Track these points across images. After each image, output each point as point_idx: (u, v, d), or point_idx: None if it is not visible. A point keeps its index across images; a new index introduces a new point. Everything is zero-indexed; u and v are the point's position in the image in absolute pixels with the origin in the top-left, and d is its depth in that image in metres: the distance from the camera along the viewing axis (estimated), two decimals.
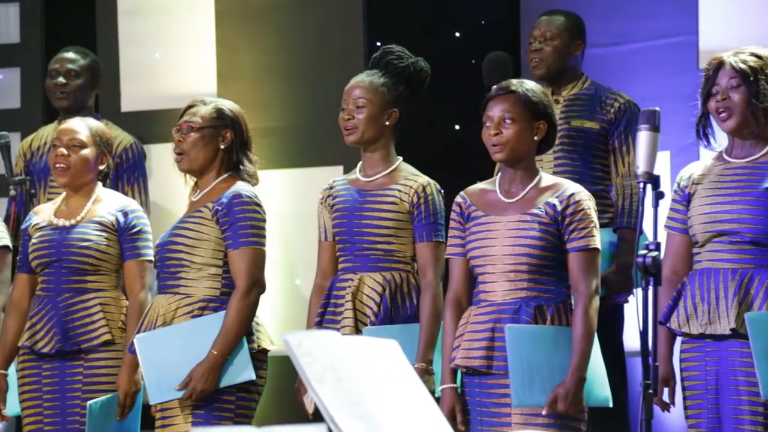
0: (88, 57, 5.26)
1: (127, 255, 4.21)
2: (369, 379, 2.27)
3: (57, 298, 4.18)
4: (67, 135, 4.26)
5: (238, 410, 3.94)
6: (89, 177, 4.27)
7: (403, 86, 4.10)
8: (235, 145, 4.04)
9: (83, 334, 4.15)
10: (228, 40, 5.72)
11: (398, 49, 4.14)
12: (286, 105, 5.63)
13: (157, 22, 5.83)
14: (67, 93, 5.17)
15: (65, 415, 4.13)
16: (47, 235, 4.23)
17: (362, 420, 2.19)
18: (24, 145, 5.23)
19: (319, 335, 2.33)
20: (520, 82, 3.78)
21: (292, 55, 5.63)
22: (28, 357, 4.21)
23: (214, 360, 3.88)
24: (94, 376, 4.14)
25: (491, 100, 3.75)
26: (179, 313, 3.95)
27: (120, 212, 4.23)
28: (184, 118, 4.05)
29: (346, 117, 4.07)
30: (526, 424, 3.64)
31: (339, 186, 4.14)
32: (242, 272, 3.93)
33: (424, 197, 4.03)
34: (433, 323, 3.95)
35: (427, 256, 4.01)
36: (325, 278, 4.12)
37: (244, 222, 3.95)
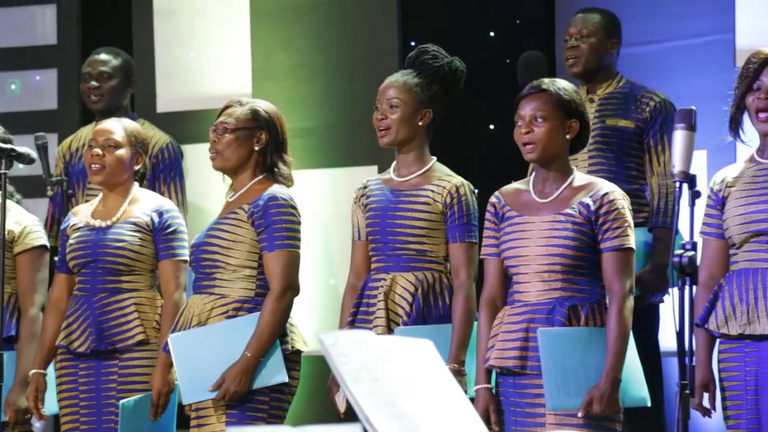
0: (120, 57, 5.26)
1: (162, 255, 4.22)
2: (404, 379, 2.27)
3: (93, 298, 4.20)
4: (102, 135, 4.28)
5: (272, 410, 3.94)
6: (124, 177, 4.28)
7: (437, 86, 4.09)
8: (270, 146, 4.04)
9: (118, 334, 4.17)
10: (263, 40, 5.73)
11: (434, 48, 4.13)
12: (320, 105, 5.63)
13: (193, 23, 5.85)
14: (101, 95, 5.17)
15: (101, 414, 4.15)
16: (84, 235, 4.25)
17: (397, 420, 2.19)
18: (63, 146, 5.26)
19: (354, 335, 2.33)
20: (552, 80, 3.77)
21: (327, 55, 5.63)
22: (64, 356, 4.23)
23: (248, 362, 3.89)
24: (128, 376, 4.16)
25: (523, 99, 3.74)
26: (214, 314, 3.96)
27: (155, 212, 4.24)
28: (220, 118, 4.06)
29: (380, 117, 4.07)
30: (561, 424, 3.63)
31: (373, 186, 4.14)
32: (277, 275, 3.94)
33: (457, 198, 4.03)
34: (465, 324, 3.94)
35: (460, 257, 4.00)
36: (359, 278, 4.12)
37: (280, 224, 3.96)
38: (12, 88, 6.22)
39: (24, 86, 6.21)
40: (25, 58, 6.17)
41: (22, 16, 6.21)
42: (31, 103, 6.16)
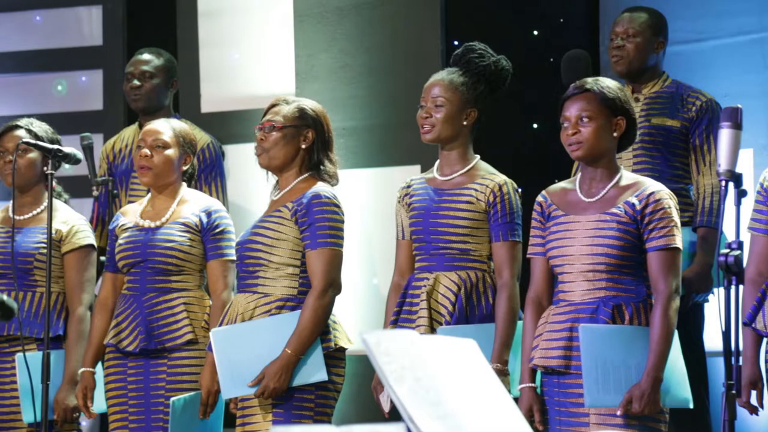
0: (163, 57, 5.28)
1: (211, 255, 4.24)
2: (448, 379, 2.27)
3: (142, 298, 4.23)
4: (150, 136, 4.30)
5: (318, 408, 3.95)
6: (173, 177, 4.30)
7: (483, 85, 4.08)
8: (316, 144, 4.05)
9: (167, 333, 4.19)
10: (306, 41, 5.75)
11: (480, 47, 4.12)
12: (363, 105, 5.64)
13: (237, 24, 5.88)
14: (143, 94, 5.19)
15: (149, 413, 4.17)
16: (133, 235, 4.27)
17: (441, 419, 2.19)
18: (106, 147, 5.29)
19: (398, 334, 2.33)
20: (596, 79, 3.75)
21: (370, 55, 5.64)
22: (113, 355, 4.26)
23: (288, 359, 3.90)
24: (177, 375, 4.18)
25: (567, 100, 3.72)
26: (257, 312, 3.97)
27: (204, 213, 4.26)
28: (266, 116, 4.07)
29: (424, 115, 4.07)
30: (604, 424, 3.61)
31: (416, 185, 4.14)
32: (319, 273, 3.94)
33: (500, 196, 4.02)
34: (508, 323, 3.93)
35: (503, 256, 3.99)
36: (403, 277, 4.12)
37: (323, 222, 3.96)
38: (58, 89, 6.27)
39: (70, 87, 6.26)
40: (71, 59, 6.22)
41: (68, 17, 6.26)
42: (77, 104, 6.21)
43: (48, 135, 4.55)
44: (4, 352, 4.43)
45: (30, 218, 4.52)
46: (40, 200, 4.53)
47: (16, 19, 6.30)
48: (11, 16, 6.30)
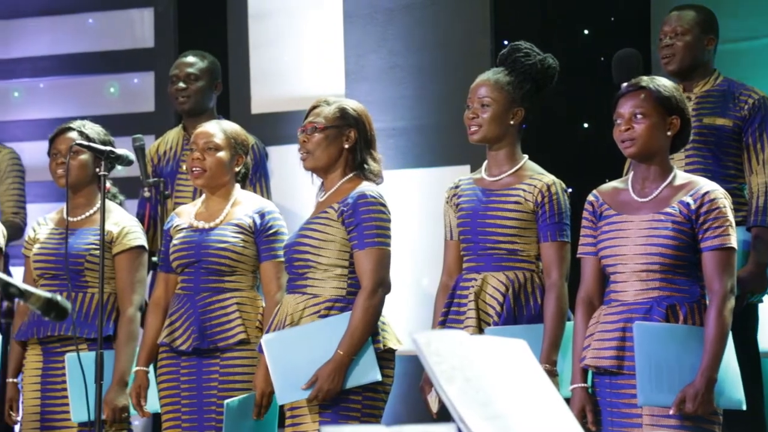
0: (207, 59, 5.30)
1: (264, 256, 4.25)
2: (498, 379, 2.26)
3: (195, 298, 4.25)
4: (202, 138, 4.32)
5: (365, 410, 3.95)
6: (225, 179, 4.32)
7: (529, 84, 4.06)
8: (359, 144, 4.05)
9: (219, 333, 4.21)
10: (356, 42, 5.75)
11: (526, 46, 4.11)
12: (413, 105, 5.64)
13: (287, 25, 5.90)
14: (188, 96, 5.21)
15: (202, 412, 4.19)
16: (187, 236, 4.30)
17: (491, 419, 2.18)
18: (151, 150, 5.31)
19: (448, 335, 2.32)
20: (651, 78, 3.72)
21: (419, 55, 5.64)
22: (167, 354, 4.29)
23: (340, 360, 3.90)
24: (229, 375, 4.20)
25: (621, 97, 3.70)
26: (306, 313, 3.98)
27: (257, 214, 4.28)
28: (308, 118, 4.08)
29: (471, 115, 4.06)
30: (657, 425, 3.59)
31: (464, 185, 4.13)
32: (368, 272, 3.94)
33: (548, 196, 4.00)
34: (557, 324, 3.91)
35: (551, 256, 3.97)
36: (451, 277, 4.11)
37: (370, 222, 3.96)
38: (111, 91, 6.32)
39: (122, 89, 6.31)
40: (123, 62, 6.28)
41: (120, 20, 6.31)
42: (129, 106, 6.26)
43: (100, 137, 4.58)
44: (56, 352, 4.47)
45: (82, 220, 4.56)
46: (93, 202, 4.56)
47: (69, 22, 6.36)
48: (65, 19, 6.37)
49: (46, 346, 4.47)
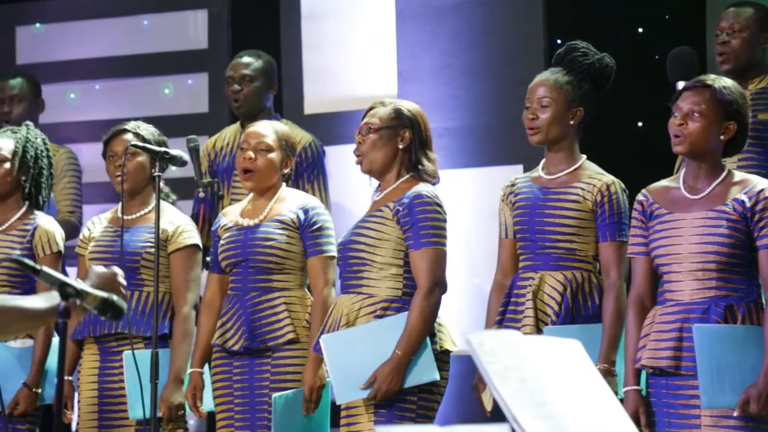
0: (262, 60, 5.31)
1: (310, 252, 4.26)
2: (552, 379, 2.25)
3: (245, 297, 4.27)
4: (254, 138, 4.34)
5: (420, 410, 3.95)
6: (273, 180, 4.34)
7: (588, 84, 4.05)
8: (414, 144, 4.06)
9: (269, 333, 4.23)
10: (408, 42, 5.75)
11: (583, 45, 4.09)
12: (465, 105, 5.63)
13: (339, 25, 5.91)
14: (244, 98, 5.23)
15: (255, 411, 4.21)
16: (234, 235, 4.32)
17: (546, 420, 2.17)
18: (207, 146, 5.33)
19: (501, 335, 2.32)
20: (719, 78, 3.68)
21: (472, 55, 5.63)
22: (220, 355, 4.31)
23: (399, 360, 3.90)
24: (281, 374, 4.21)
25: (684, 91, 3.67)
26: (362, 314, 3.99)
27: (301, 210, 4.29)
28: (364, 119, 4.10)
29: (530, 116, 4.04)
30: (718, 426, 3.55)
31: (521, 183, 4.12)
32: (424, 272, 3.94)
33: (608, 196, 3.98)
34: (616, 324, 3.89)
35: (610, 256, 3.95)
36: (506, 276, 4.10)
37: (426, 222, 3.96)
38: (165, 92, 6.37)
39: (176, 90, 6.35)
40: (177, 63, 6.32)
41: (174, 21, 6.35)
42: (183, 107, 6.30)
43: (155, 138, 4.61)
44: (113, 350, 4.50)
45: (137, 218, 4.59)
46: (148, 202, 4.60)
47: (124, 23, 6.41)
48: (120, 21, 6.42)
49: (103, 344, 4.51)
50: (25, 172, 4.68)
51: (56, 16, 6.51)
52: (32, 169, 4.69)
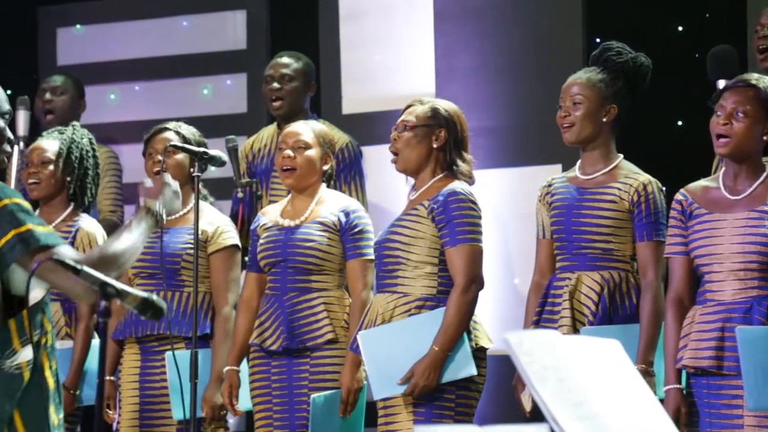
0: (301, 60, 5.32)
1: (349, 255, 4.27)
2: (591, 379, 2.25)
3: (283, 297, 4.28)
4: (292, 137, 4.36)
5: (459, 408, 3.95)
6: (314, 178, 4.35)
7: (621, 82, 4.04)
8: (449, 144, 4.06)
9: (308, 333, 4.24)
10: (446, 41, 5.75)
11: (618, 45, 4.08)
12: (503, 104, 5.62)
13: (378, 25, 5.92)
14: (283, 97, 5.24)
15: (293, 411, 4.22)
16: (273, 235, 4.34)
17: (584, 420, 2.17)
18: (246, 146, 5.36)
19: (540, 335, 2.31)
20: (762, 77, 3.66)
21: (510, 54, 5.61)
22: (257, 354, 4.33)
23: (436, 356, 3.90)
24: (319, 374, 4.22)
25: (728, 90, 3.64)
26: (397, 312, 3.99)
27: (342, 212, 4.30)
28: (401, 117, 4.11)
29: (563, 114, 4.04)
30: (761, 426, 3.53)
31: (558, 183, 4.11)
32: (461, 269, 3.94)
33: (644, 196, 3.96)
34: (653, 324, 3.87)
35: (647, 256, 3.93)
36: (543, 276, 4.09)
37: (461, 219, 3.96)
38: (204, 92, 6.40)
39: (215, 91, 6.38)
40: (216, 64, 6.34)
41: (213, 22, 6.38)
42: (222, 107, 6.33)
43: (195, 138, 4.64)
44: (154, 350, 4.53)
45: (176, 219, 4.62)
46: (187, 201, 4.62)
47: (164, 24, 6.45)
48: (160, 22, 6.46)
49: (144, 344, 4.54)
50: (70, 173, 4.71)
51: (96, 18, 6.56)
52: (77, 170, 4.72)
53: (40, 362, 3.03)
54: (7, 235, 2.93)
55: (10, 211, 2.95)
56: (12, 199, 2.96)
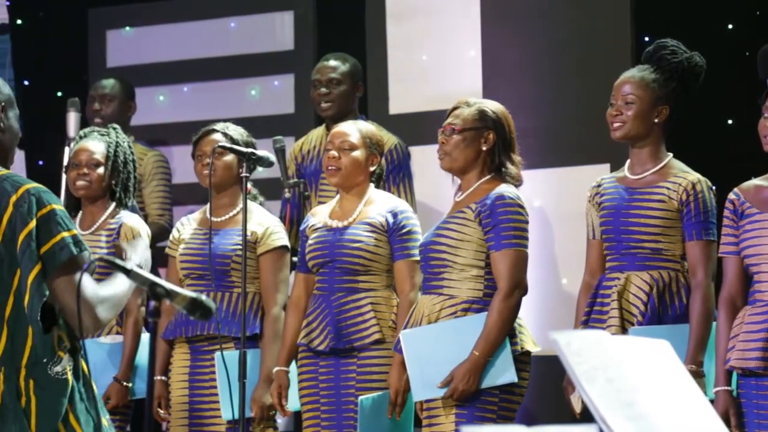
0: (348, 63, 5.33)
1: (397, 255, 4.28)
2: (640, 380, 2.23)
3: (331, 298, 4.30)
4: (338, 138, 4.37)
5: (501, 411, 3.94)
6: (360, 178, 4.36)
7: (675, 82, 4.01)
8: (498, 146, 4.05)
9: (355, 333, 4.25)
10: (493, 40, 5.73)
11: (672, 43, 4.05)
12: (551, 103, 5.59)
13: (425, 25, 5.91)
14: (332, 101, 5.25)
15: (341, 411, 4.23)
16: (322, 236, 4.35)
17: (634, 421, 2.15)
18: (295, 149, 5.38)
19: (588, 335, 2.30)
20: None
21: (557, 52, 5.59)
22: (305, 354, 4.34)
23: (476, 361, 3.89)
24: (366, 374, 4.23)
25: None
26: (443, 314, 3.99)
27: (390, 213, 4.31)
28: (448, 120, 4.09)
29: (614, 113, 4.02)
30: None
31: (607, 184, 4.09)
32: (504, 274, 3.93)
33: (693, 195, 3.93)
34: (703, 324, 3.84)
35: (697, 255, 3.91)
36: (594, 277, 4.08)
37: (507, 224, 3.95)
38: (252, 93, 6.43)
39: (263, 92, 6.40)
40: (264, 64, 6.37)
41: (261, 23, 6.41)
42: (269, 108, 6.35)
43: (243, 138, 4.66)
44: (204, 350, 4.55)
45: (226, 220, 4.64)
46: (236, 202, 4.64)
47: (212, 26, 6.48)
48: (207, 24, 6.49)
49: (194, 344, 4.56)
50: (116, 176, 4.76)
51: (145, 20, 6.60)
52: (122, 172, 4.76)
53: (81, 367, 3.08)
54: (56, 237, 2.98)
55: (60, 215, 3.02)
56: (60, 206, 3.05)
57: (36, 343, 3.01)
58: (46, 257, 3.00)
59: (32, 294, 2.99)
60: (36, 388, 3.00)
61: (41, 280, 3.00)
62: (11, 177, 3.08)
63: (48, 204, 3.03)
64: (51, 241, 2.99)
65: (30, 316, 3.00)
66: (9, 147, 3.17)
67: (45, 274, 3.00)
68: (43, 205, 3.02)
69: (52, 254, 2.99)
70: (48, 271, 2.99)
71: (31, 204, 3.01)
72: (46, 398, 3.01)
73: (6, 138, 3.16)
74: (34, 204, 3.02)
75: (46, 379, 3.01)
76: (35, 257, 2.99)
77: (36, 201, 3.02)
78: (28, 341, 3.02)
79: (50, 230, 3.00)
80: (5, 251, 3.01)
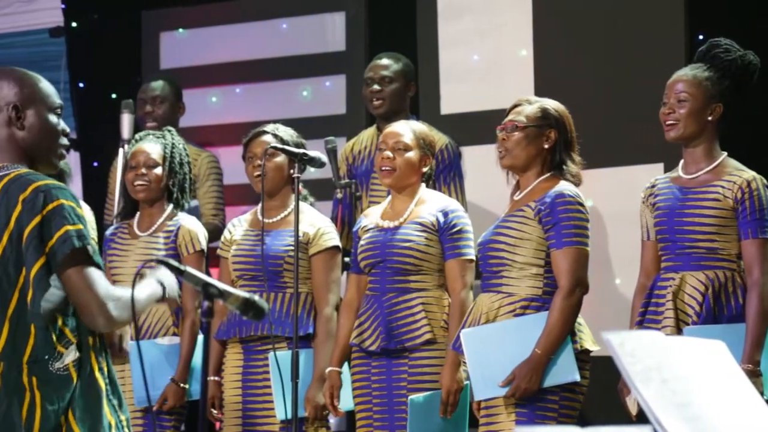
0: (401, 61, 5.34)
1: (448, 254, 4.27)
2: (696, 380, 2.21)
3: (382, 298, 4.30)
4: (392, 138, 4.37)
5: (562, 410, 3.92)
6: (413, 179, 4.36)
7: (728, 81, 3.97)
8: (559, 145, 4.03)
9: (406, 333, 4.25)
10: (545, 39, 5.71)
11: (726, 42, 4.01)
12: (604, 102, 5.56)
13: (476, 24, 5.90)
14: (383, 99, 5.26)
15: (393, 411, 4.24)
16: (373, 236, 4.36)
17: (690, 422, 2.14)
18: (346, 149, 5.39)
19: (642, 335, 2.29)
20: None
21: (611, 51, 5.55)
22: (358, 354, 4.35)
23: (538, 359, 3.88)
24: (418, 375, 4.23)
25: None
26: (501, 312, 3.98)
27: (440, 212, 4.30)
28: (509, 116, 4.08)
29: (667, 111, 3.99)
30: None
31: (661, 184, 4.06)
32: (565, 272, 3.91)
33: (749, 193, 3.89)
34: (760, 323, 3.81)
35: (753, 254, 3.87)
36: (648, 277, 4.05)
37: (568, 222, 3.93)
38: (303, 94, 6.44)
39: (314, 92, 6.42)
40: (315, 65, 6.38)
41: (312, 24, 6.42)
42: (321, 109, 6.36)
43: (293, 139, 4.68)
44: (257, 350, 4.58)
45: (278, 221, 4.66)
46: (287, 203, 4.66)
47: (263, 27, 6.51)
48: (260, 25, 6.52)
49: (247, 344, 4.59)
50: (173, 177, 4.79)
51: (198, 22, 6.65)
52: (179, 174, 4.80)
53: (89, 363, 3.06)
54: (60, 230, 2.98)
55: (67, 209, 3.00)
56: (69, 202, 3.02)
57: (37, 341, 3.00)
58: (52, 252, 2.98)
59: (35, 289, 2.98)
60: (39, 384, 3.00)
61: (44, 275, 2.98)
62: (26, 176, 3.05)
63: (56, 199, 2.99)
64: (56, 235, 2.97)
65: (31, 311, 2.99)
66: (34, 146, 3.10)
67: (51, 268, 2.99)
68: (51, 200, 2.99)
69: (56, 248, 2.97)
70: (53, 265, 2.99)
71: (39, 200, 2.98)
72: (49, 394, 3.01)
73: (27, 137, 3.09)
74: (42, 200, 2.98)
75: (47, 376, 3.00)
76: (39, 251, 2.97)
77: (44, 197, 2.99)
78: (30, 339, 3.00)
79: (57, 224, 2.98)
80: (12, 248, 3.00)
